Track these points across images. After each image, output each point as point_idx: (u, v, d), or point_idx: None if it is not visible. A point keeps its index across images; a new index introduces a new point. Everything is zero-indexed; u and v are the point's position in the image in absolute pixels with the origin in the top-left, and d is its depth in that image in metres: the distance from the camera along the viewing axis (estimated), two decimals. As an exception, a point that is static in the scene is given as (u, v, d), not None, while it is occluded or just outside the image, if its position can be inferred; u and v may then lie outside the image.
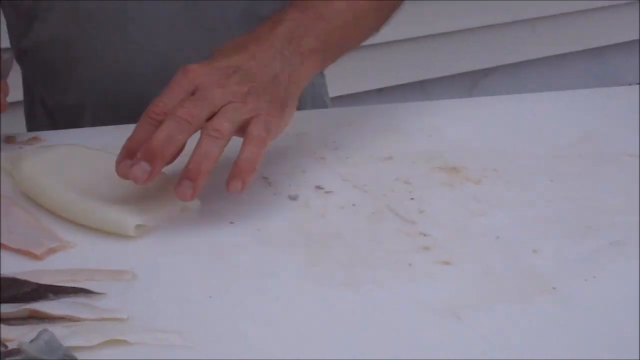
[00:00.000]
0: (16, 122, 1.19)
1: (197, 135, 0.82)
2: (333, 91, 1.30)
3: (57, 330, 0.65)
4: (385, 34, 1.06)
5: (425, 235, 0.82)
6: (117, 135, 0.87)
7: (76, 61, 1.11)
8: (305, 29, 0.90)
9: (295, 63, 0.88)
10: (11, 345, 0.64)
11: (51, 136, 1.02)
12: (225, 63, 0.85)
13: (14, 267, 0.76)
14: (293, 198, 0.89)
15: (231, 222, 0.84)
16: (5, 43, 1.18)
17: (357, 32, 0.98)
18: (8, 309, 0.69)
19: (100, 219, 0.82)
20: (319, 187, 0.91)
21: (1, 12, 1.17)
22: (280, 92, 0.86)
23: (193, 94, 0.82)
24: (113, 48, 1.09)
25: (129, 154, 0.81)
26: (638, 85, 1.22)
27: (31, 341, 0.63)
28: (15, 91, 1.06)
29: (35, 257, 0.78)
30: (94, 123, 1.11)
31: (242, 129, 0.82)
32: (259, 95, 0.83)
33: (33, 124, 1.22)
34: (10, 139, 1.00)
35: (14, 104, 1.06)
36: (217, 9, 1.09)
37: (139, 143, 0.80)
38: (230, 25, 1.09)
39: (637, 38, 2.93)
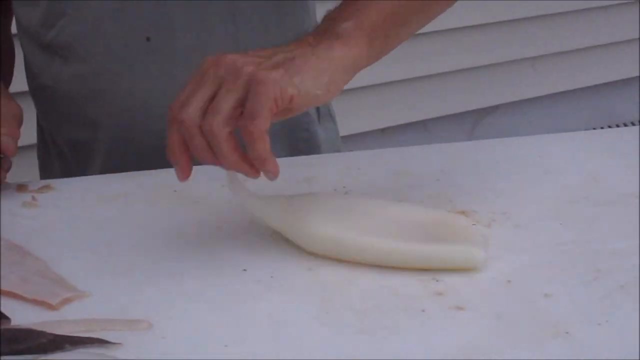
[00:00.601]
0: (29, 167, 1.21)
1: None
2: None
3: (75, 382, 0.65)
4: (387, 74, 1.07)
5: (437, 280, 0.83)
6: (130, 181, 0.87)
7: (95, 95, 1.13)
8: (340, 14, 0.88)
9: (322, 44, 0.85)
10: (30, 398, 0.65)
11: (62, 184, 1.02)
12: (259, 52, 0.84)
13: (30, 317, 0.76)
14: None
15: (244, 270, 0.85)
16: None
17: (406, 22, 0.94)
18: (26, 360, 0.69)
19: (446, 258, 0.84)
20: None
21: (20, 48, 1.19)
22: (287, 57, 0.83)
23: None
24: (134, 81, 1.11)
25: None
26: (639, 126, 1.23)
27: (50, 393, 0.63)
28: (27, 134, 1.07)
29: (51, 307, 0.78)
30: (105, 160, 1.13)
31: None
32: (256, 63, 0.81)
33: (45, 167, 1.23)
34: (22, 188, 1.01)
35: (26, 147, 1.08)
36: (235, 45, 1.10)
37: None
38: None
39: (637, 75, 2.95)
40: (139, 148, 1.12)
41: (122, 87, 1.11)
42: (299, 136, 1.20)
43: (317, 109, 1.22)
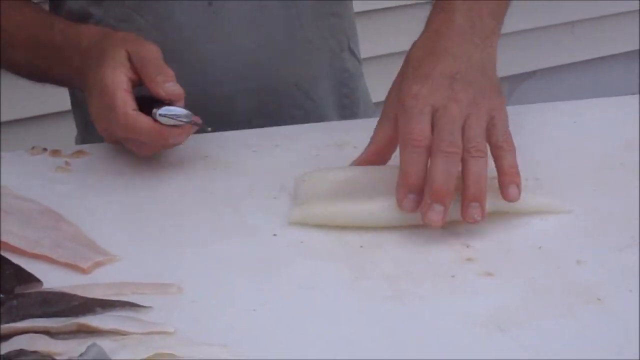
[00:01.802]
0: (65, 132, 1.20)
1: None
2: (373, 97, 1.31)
3: (105, 344, 0.66)
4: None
5: (468, 246, 0.82)
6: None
7: None
8: (478, 10, 0.92)
9: (487, 46, 0.91)
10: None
11: (96, 149, 1.03)
12: (437, 73, 0.87)
13: (62, 281, 0.77)
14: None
15: (274, 235, 0.85)
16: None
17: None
18: (56, 323, 0.70)
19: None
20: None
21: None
22: (493, 81, 0.90)
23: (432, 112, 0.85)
24: (195, 51, 1.11)
25: (409, 189, 0.83)
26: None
27: (80, 355, 0.64)
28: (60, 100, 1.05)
29: (82, 270, 0.79)
30: None
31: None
32: (483, 94, 0.87)
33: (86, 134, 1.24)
34: (55, 153, 1.01)
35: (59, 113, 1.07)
36: (294, 7, 1.12)
37: (417, 178, 0.83)
38: (300, 27, 1.13)
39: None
40: (197, 113, 1.13)
41: (183, 53, 1.11)
42: (342, 92, 1.22)
43: (354, 63, 1.24)
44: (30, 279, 0.76)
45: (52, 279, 0.77)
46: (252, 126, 1.11)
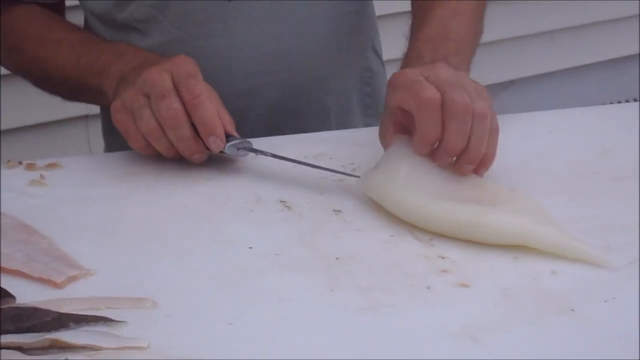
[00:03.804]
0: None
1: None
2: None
3: (79, 360, 0.65)
4: (401, 49, 1.08)
5: (443, 258, 0.82)
6: (137, 159, 0.87)
7: None
8: (443, 53, 1.00)
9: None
10: (33, 376, 0.65)
11: (70, 162, 1.02)
12: (419, 70, 0.92)
13: (35, 295, 0.76)
14: (311, 221, 0.89)
15: (250, 247, 0.85)
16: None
17: (474, 36, 1.10)
18: (29, 338, 0.69)
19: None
20: (337, 211, 0.91)
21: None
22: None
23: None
24: (215, 46, 1.13)
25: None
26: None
27: (53, 371, 0.63)
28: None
29: (55, 285, 0.78)
30: None
31: None
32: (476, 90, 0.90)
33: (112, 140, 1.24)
34: (30, 166, 1.01)
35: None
36: (311, 2, 1.15)
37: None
38: (319, 22, 1.16)
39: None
40: None
41: (202, 51, 1.13)
42: (365, 90, 1.25)
43: (377, 64, 1.28)
44: (3, 294, 0.76)
45: (26, 293, 0.77)
46: (272, 121, 1.14)
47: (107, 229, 0.89)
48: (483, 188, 0.89)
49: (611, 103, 2.82)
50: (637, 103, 1.18)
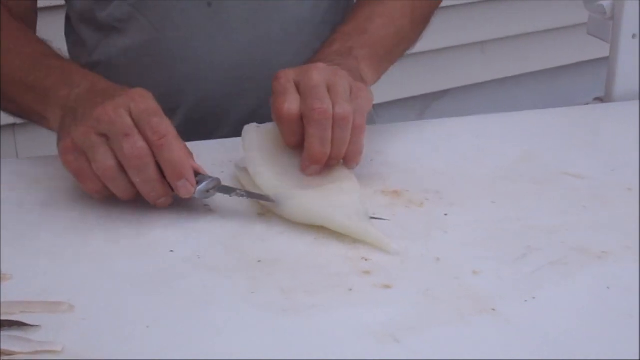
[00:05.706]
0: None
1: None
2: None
3: (-11, 364, 0.64)
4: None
5: (366, 260, 0.82)
6: (58, 163, 0.85)
7: (150, 66, 1.13)
8: (351, 45, 1.03)
9: (352, 62, 1.00)
10: (-59, 381, 0.63)
11: None
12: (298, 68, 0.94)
13: (-52, 300, 0.74)
14: (234, 224, 0.88)
15: (171, 251, 0.83)
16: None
17: (398, 40, 1.12)
18: (-61, 343, 0.67)
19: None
20: (260, 214, 0.90)
21: (70, 31, 1.20)
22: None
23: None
24: (193, 50, 1.12)
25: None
26: (580, 105, 1.24)
27: (-38, 376, 0.62)
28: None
29: (-31, 290, 0.76)
30: None
31: None
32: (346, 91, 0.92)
33: None
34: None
35: None
36: (291, 9, 1.15)
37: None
38: (302, 26, 1.16)
39: (585, 60, 2.97)
40: (197, 113, 1.14)
41: (182, 53, 1.12)
42: None
43: None
44: None
45: (-63, 298, 0.75)
46: None
47: (25, 232, 0.87)
48: (332, 173, 0.93)
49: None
50: (558, 109, 1.20)
